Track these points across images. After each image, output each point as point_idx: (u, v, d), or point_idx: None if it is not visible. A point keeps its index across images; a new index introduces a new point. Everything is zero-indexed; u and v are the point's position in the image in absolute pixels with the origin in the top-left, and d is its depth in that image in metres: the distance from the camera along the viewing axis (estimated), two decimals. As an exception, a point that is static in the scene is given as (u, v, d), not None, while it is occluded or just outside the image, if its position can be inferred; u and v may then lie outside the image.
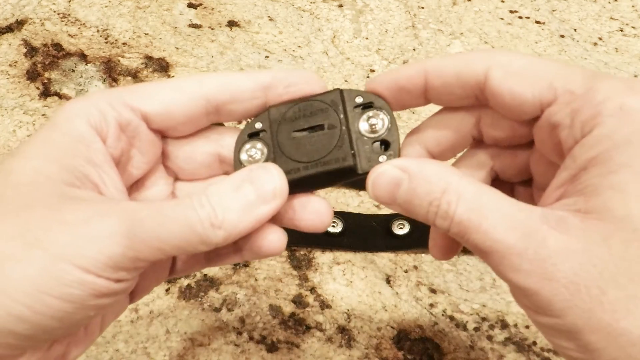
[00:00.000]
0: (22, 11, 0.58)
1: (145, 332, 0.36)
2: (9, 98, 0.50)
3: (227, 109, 0.23)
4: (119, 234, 0.18)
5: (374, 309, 0.38)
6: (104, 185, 0.21)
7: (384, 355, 0.36)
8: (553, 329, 0.18)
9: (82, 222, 0.18)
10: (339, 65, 0.55)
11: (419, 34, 0.59)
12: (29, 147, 0.20)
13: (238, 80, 0.23)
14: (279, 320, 0.37)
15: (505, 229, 0.18)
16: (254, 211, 0.20)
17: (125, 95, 0.22)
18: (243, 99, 0.23)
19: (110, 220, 0.18)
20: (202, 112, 0.23)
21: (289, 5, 0.61)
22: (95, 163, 0.21)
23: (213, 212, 0.19)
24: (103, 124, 0.21)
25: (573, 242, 0.17)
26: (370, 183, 0.21)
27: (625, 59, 0.57)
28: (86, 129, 0.21)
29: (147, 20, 0.58)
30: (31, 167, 0.20)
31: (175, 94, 0.23)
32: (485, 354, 0.36)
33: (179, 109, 0.23)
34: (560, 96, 0.20)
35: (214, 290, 0.38)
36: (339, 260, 0.40)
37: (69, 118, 0.21)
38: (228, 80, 0.23)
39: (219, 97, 0.23)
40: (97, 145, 0.21)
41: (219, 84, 0.23)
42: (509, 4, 0.63)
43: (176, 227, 0.19)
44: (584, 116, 0.19)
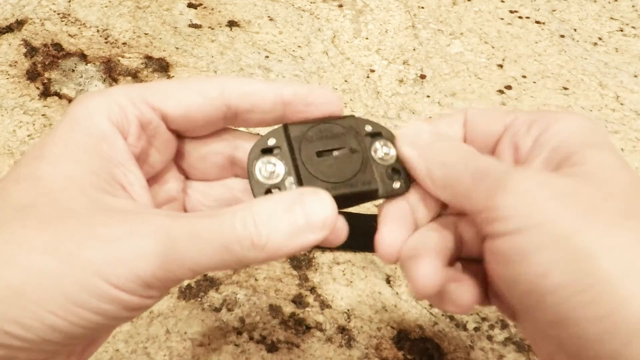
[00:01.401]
0: (22, 11, 0.58)
1: (145, 332, 0.36)
2: (9, 98, 0.50)
3: (244, 117, 0.23)
4: (152, 254, 0.18)
5: (374, 309, 0.38)
6: (129, 185, 0.21)
7: (384, 355, 0.36)
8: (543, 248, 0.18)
9: (117, 240, 0.18)
10: (339, 65, 0.55)
11: (419, 34, 0.59)
12: (55, 149, 0.20)
13: (261, 91, 0.23)
14: (279, 320, 0.37)
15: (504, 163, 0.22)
16: (301, 238, 0.19)
17: (146, 93, 0.22)
18: (262, 110, 0.23)
19: (144, 240, 0.18)
20: (220, 117, 0.23)
21: (289, 5, 0.61)
22: (119, 162, 0.21)
23: (257, 232, 0.19)
24: (124, 122, 0.21)
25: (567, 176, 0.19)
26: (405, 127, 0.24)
27: (625, 59, 0.57)
28: (108, 126, 0.21)
29: (147, 20, 0.58)
30: (62, 174, 0.19)
31: (198, 97, 0.22)
32: (485, 354, 0.36)
33: (199, 113, 0.22)
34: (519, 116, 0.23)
35: (214, 290, 0.38)
36: (339, 260, 0.40)
37: (90, 115, 0.21)
38: (251, 90, 0.23)
39: (240, 105, 0.23)
40: (120, 144, 0.21)
41: (242, 92, 0.23)
42: (509, 4, 0.63)
43: (211, 249, 0.18)
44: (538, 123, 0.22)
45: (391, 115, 0.50)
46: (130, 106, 0.21)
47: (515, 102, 0.52)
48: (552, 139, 0.21)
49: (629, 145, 0.49)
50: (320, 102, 0.23)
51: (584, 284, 0.17)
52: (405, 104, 0.51)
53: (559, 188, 0.18)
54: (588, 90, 0.54)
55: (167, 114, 0.22)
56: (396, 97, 0.52)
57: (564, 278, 0.17)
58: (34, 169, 0.20)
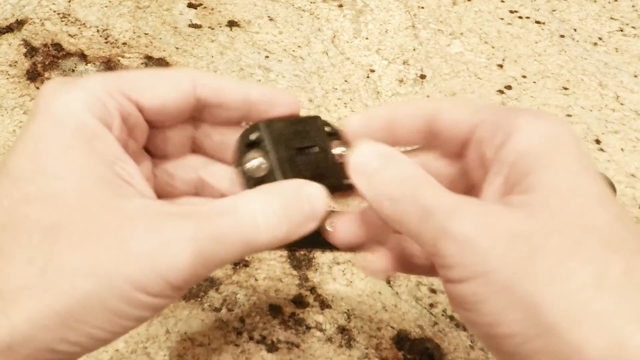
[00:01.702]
0: (22, 11, 0.58)
1: (145, 332, 0.36)
2: (9, 98, 0.50)
3: (211, 111, 0.24)
4: (184, 264, 0.19)
5: (374, 309, 0.38)
6: (131, 178, 0.21)
7: (384, 355, 0.36)
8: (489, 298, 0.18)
9: (150, 253, 0.19)
10: (339, 65, 0.55)
11: (419, 34, 0.59)
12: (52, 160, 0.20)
13: (230, 89, 0.24)
14: (279, 320, 0.37)
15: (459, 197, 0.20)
16: (302, 227, 0.21)
17: (122, 85, 0.22)
18: (229, 107, 0.24)
19: (175, 250, 0.19)
20: (190, 110, 0.24)
21: (289, 5, 0.61)
22: (116, 157, 0.21)
23: (266, 226, 0.20)
24: (107, 116, 0.21)
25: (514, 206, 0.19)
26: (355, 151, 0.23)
27: (625, 59, 0.57)
28: (95, 123, 0.21)
29: (147, 20, 0.58)
30: (73, 188, 0.19)
31: (172, 90, 0.23)
32: (486, 354, 0.36)
33: (173, 105, 0.23)
34: (486, 118, 0.22)
35: (214, 290, 0.38)
36: (339, 260, 0.40)
37: (73, 113, 0.20)
38: (220, 86, 0.24)
39: (209, 99, 0.24)
40: (110, 139, 0.21)
41: (212, 87, 0.24)
42: (509, 4, 0.63)
43: (234, 247, 0.20)
44: (503, 128, 0.21)
45: (391, 115, 0.50)
46: (110, 100, 0.21)
47: (515, 102, 0.52)
48: (511, 154, 0.20)
49: (629, 145, 0.49)
50: (282, 104, 0.25)
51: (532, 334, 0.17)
52: (405, 104, 0.51)
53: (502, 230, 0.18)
54: (588, 90, 0.54)
55: (143, 106, 0.23)
56: (396, 97, 0.52)
57: (512, 328, 0.17)
58: (42, 186, 0.19)
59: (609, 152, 0.48)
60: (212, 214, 0.20)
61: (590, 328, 0.16)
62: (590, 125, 0.50)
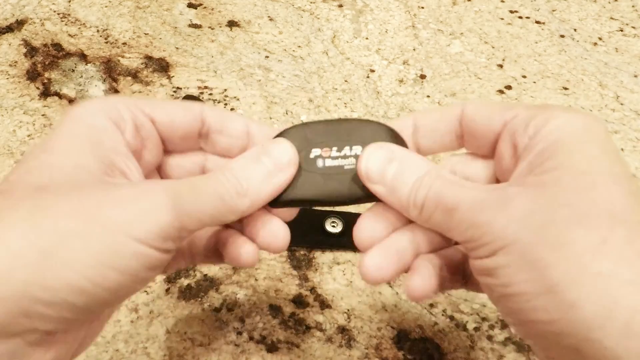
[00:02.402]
0: (22, 11, 0.58)
1: (145, 332, 0.36)
2: (9, 98, 0.50)
3: (214, 138, 0.26)
4: (166, 207, 0.20)
5: (374, 309, 0.38)
6: (129, 171, 0.23)
7: (384, 355, 0.36)
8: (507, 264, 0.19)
9: (133, 199, 0.20)
10: (339, 65, 0.55)
11: (419, 34, 0.59)
12: (61, 142, 0.21)
13: (233, 119, 0.26)
14: (279, 320, 0.37)
15: (475, 188, 0.22)
16: (273, 179, 0.23)
17: (138, 102, 0.24)
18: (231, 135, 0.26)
19: (157, 195, 0.20)
20: (196, 132, 0.26)
21: (289, 5, 0.61)
22: (119, 151, 0.23)
23: (238, 182, 0.22)
24: (121, 121, 0.23)
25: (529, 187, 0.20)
26: (365, 157, 0.24)
27: (625, 59, 0.57)
28: (107, 122, 0.23)
29: (147, 20, 0.58)
30: (70, 162, 0.21)
31: (180, 110, 0.25)
32: (485, 354, 0.36)
33: (182, 123, 0.25)
34: (519, 113, 0.23)
35: (214, 290, 0.38)
36: (339, 260, 0.40)
37: (90, 112, 0.23)
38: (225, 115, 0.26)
39: (213, 124, 0.26)
40: (118, 137, 0.23)
41: (218, 114, 0.26)
42: (509, 4, 0.63)
43: (209, 198, 0.22)
44: (536, 120, 0.22)
45: (391, 115, 0.50)
46: (125, 109, 0.24)
47: (516, 103, 0.52)
48: (541, 141, 0.21)
49: (629, 145, 0.49)
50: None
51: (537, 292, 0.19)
52: (405, 104, 0.51)
53: (515, 208, 0.20)
54: (588, 90, 0.54)
55: (155, 119, 0.25)
56: (396, 97, 0.52)
57: (521, 287, 0.19)
58: (43, 160, 0.21)
59: (609, 152, 0.48)
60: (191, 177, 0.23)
61: (587, 288, 0.17)
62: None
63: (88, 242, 0.19)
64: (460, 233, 0.21)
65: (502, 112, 0.24)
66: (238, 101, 0.50)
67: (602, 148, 0.21)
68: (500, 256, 0.20)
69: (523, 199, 0.20)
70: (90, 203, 0.19)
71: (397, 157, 0.24)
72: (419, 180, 0.23)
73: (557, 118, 0.21)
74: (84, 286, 0.19)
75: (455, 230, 0.22)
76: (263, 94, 0.51)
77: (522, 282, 0.19)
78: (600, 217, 0.18)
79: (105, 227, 0.19)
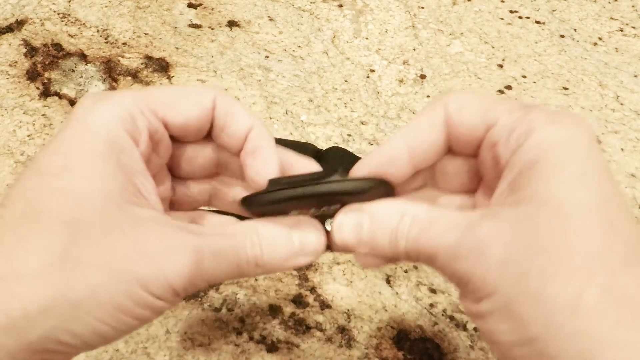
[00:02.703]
0: (22, 11, 0.58)
1: (145, 332, 0.36)
2: (9, 98, 0.50)
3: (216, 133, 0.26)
4: (186, 271, 0.21)
5: (374, 309, 0.38)
6: (147, 194, 0.23)
7: (384, 355, 0.36)
8: (490, 313, 0.20)
9: (158, 256, 0.21)
10: (339, 65, 0.55)
11: (419, 34, 0.59)
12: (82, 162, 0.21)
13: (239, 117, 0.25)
14: (279, 320, 0.37)
15: (450, 229, 0.21)
16: (294, 260, 0.23)
17: (151, 102, 0.24)
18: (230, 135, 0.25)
19: (180, 258, 0.21)
20: (207, 128, 0.25)
21: (289, 5, 0.61)
22: (137, 172, 0.23)
23: (261, 254, 0.22)
24: (136, 132, 0.23)
25: (503, 225, 0.20)
26: (336, 232, 0.24)
27: (625, 59, 0.57)
28: (125, 137, 0.22)
29: (147, 20, 0.58)
30: (97, 189, 0.21)
31: (195, 108, 0.24)
32: (485, 354, 0.36)
33: (195, 122, 0.25)
34: (500, 118, 0.22)
35: (214, 290, 0.38)
36: (339, 260, 0.40)
37: (106, 125, 0.22)
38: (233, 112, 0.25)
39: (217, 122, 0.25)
40: (136, 155, 0.23)
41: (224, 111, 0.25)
42: (509, 4, 0.63)
43: (228, 265, 0.22)
44: (518, 131, 0.21)
45: (391, 115, 0.50)
46: (140, 116, 0.23)
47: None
48: (519, 162, 0.21)
49: (629, 145, 0.49)
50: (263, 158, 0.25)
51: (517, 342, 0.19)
52: (405, 104, 0.51)
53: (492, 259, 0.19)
54: (588, 90, 0.54)
55: (168, 122, 0.24)
56: (396, 97, 0.52)
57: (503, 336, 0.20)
58: (67, 182, 0.21)
59: (609, 152, 0.48)
60: (214, 234, 0.22)
61: (565, 345, 0.18)
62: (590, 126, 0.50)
63: (113, 296, 0.20)
64: (449, 278, 0.22)
65: (484, 115, 0.23)
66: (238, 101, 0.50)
67: (582, 168, 0.20)
68: (485, 304, 0.20)
69: (499, 245, 0.19)
70: (120, 255, 0.20)
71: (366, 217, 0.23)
72: (394, 232, 0.22)
73: (539, 131, 0.20)
74: (105, 332, 0.20)
75: (443, 275, 0.22)
76: (263, 94, 0.51)
77: (505, 332, 0.19)
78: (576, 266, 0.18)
79: (130, 282, 0.20)
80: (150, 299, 0.20)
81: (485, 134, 0.23)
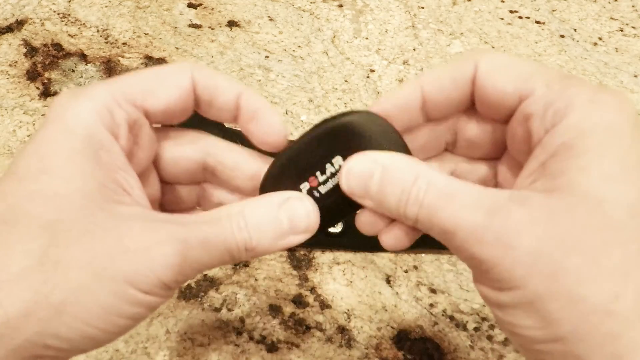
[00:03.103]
0: (22, 11, 0.58)
1: (145, 332, 0.36)
2: (9, 98, 0.50)
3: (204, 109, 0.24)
4: (174, 262, 0.20)
5: (374, 309, 0.38)
6: (130, 188, 0.22)
7: (384, 355, 0.36)
8: (513, 305, 0.19)
9: (143, 251, 0.20)
10: (339, 65, 0.55)
11: (419, 34, 0.59)
12: (59, 162, 0.20)
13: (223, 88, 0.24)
14: (279, 320, 0.37)
15: (473, 207, 0.19)
16: (284, 240, 0.22)
17: (127, 91, 0.22)
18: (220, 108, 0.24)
19: (167, 250, 0.20)
20: (190, 110, 0.24)
21: (289, 5, 0.61)
22: (118, 167, 0.22)
23: (249, 237, 0.21)
24: (115, 126, 0.22)
25: (536, 214, 0.18)
26: (344, 175, 0.22)
27: (625, 59, 0.57)
28: (103, 133, 0.21)
29: (147, 20, 0.58)
30: (75, 189, 0.20)
31: (174, 90, 0.23)
32: (485, 354, 0.36)
33: (176, 105, 0.23)
34: (537, 90, 0.21)
35: (214, 290, 0.38)
36: (339, 260, 0.40)
37: (84, 121, 0.21)
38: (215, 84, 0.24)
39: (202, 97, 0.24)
40: (116, 149, 0.22)
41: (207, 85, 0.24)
42: (509, 4, 0.63)
43: (217, 252, 0.21)
44: (555, 107, 0.20)
45: (391, 115, 0.50)
46: (117, 109, 0.22)
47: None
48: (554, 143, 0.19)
49: (629, 145, 0.49)
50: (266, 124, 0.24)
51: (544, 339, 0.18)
52: (405, 104, 0.51)
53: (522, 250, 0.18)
54: (588, 90, 0.53)
55: (148, 110, 0.23)
56: (396, 97, 0.52)
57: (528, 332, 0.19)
58: (46, 184, 0.20)
59: (609, 152, 0.48)
60: (199, 222, 0.21)
61: (595, 346, 0.17)
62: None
63: (98, 296, 0.19)
64: (464, 259, 0.20)
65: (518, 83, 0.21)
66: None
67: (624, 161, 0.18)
68: (508, 295, 0.19)
69: (530, 236, 0.18)
70: (102, 253, 0.19)
71: (379, 168, 0.21)
72: (406, 192, 0.20)
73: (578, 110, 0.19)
74: (94, 335, 0.19)
75: (457, 254, 0.20)
76: (263, 94, 0.51)
77: (529, 328, 0.19)
78: (614, 268, 0.17)
79: (115, 280, 0.19)
80: (140, 296, 0.20)
81: (517, 104, 0.21)
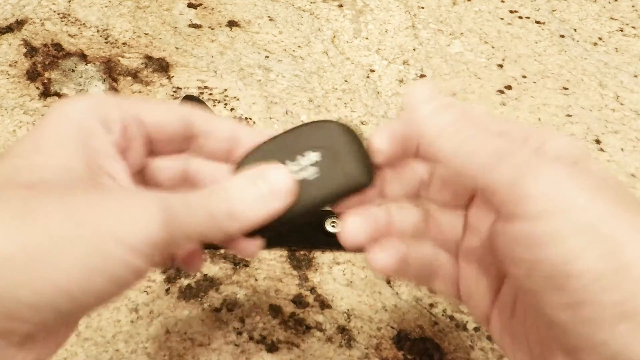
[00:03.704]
0: (22, 11, 0.58)
1: (145, 332, 0.36)
2: (9, 98, 0.50)
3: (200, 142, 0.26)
4: (158, 217, 0.20)
5: (374, 309, 0.38)
6: (116, 174, 0.22)
7: (384, 355, 0.36)
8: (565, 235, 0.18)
9: (126, 206, 0.19)
10: (339, 65, 0.55)
11: (419, 34, 0.59)
12: (49, 142, 0.21)
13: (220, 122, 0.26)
14: (279, 320, 0.37)
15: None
16: (268, 204, 0.23)
17: (126, 102, 0.24)
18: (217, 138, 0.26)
19: (150, 205, 0.20)
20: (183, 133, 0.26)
21: (289, 5, 0.61)
22: (106, 154, 0.22)
23: (230, 203, 0.22)
24: (109, 121, 0.23)
25: None
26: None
27: (625, 59, 0.57)
28: (95, 123, 0.22)
29: (147, 20, 0.58)
30: (60, 164, 0.21)
31: (168, 111, 0.25)
32: (485, 354, 0.36)
33: (169, 123, 0.25)
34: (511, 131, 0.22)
35: (214, 290, 0.38)
36: (339, 260, 0.40)
37: (78, 112, 0.22)
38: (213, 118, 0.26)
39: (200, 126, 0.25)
40: (107, 138, 0.23)
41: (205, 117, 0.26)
42: (509, 4, 0.63)
43: (200, 214, 0.21)
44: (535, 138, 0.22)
45: (391, 115, 0.50)
46: (114, 108, 0.23)
47: (515, 102, 0.52)
48: (553, 150, 0.21)
49: (629, 145, 0.49)
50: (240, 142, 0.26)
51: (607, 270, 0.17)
52: (405, 104, 0.51)
53: (585, 181, 0.18)
54: (588, 90, 0.54)
55: (143, 120, 0.24)
56: (396, 97, 0.52)
57: (589, 264, 0.17)
58: (32, 160, 0.21)
59: (609, 152, 0.48)
60: (184, 191, 0.22)
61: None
62: (590, 125, 0.50)
63: (78, 247, 0.18)
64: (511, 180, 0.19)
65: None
66: (238, 101, 0.50)
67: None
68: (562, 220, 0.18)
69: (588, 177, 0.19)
70: (82, 206, 0.19)
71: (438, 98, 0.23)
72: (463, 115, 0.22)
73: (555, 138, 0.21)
74: (71, 290, 0.18)
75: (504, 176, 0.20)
76: (263, 94, 0.51)
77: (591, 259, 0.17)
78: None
79: (96, 232, 0.18)
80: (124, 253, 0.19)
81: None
